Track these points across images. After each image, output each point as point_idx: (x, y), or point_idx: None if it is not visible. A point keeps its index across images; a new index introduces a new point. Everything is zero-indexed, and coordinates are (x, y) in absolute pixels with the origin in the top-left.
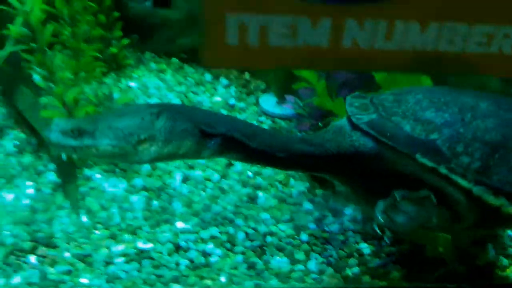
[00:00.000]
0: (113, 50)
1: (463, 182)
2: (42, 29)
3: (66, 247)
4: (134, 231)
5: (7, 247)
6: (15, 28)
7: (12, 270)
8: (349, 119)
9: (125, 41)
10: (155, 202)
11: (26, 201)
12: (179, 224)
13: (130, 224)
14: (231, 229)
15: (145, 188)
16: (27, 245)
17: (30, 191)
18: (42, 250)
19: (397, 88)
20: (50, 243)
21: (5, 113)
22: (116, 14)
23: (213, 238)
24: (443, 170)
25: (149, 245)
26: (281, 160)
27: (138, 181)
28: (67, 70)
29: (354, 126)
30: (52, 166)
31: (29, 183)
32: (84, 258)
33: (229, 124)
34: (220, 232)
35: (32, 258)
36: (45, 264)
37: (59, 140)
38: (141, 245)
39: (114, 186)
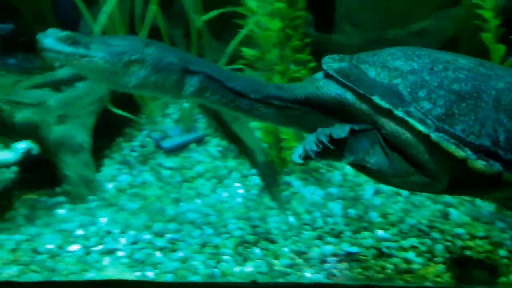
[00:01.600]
0: (303, 71)
1: (421, 127)
2: (270, 51)
3: (283, 243)
4: (337, 235)
5: (236, 238)
6: (249, 51)
7: (242, 259)
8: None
9: (313, 64)
10: (352, 211)
11: (239, 199)
12: (379, 232)
13: (333, 228)
14: (428, 241)
15: (340, 197)
16: (251, 238)
17: (241, 191)
18: (263, 243)
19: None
20: (268, 238)
21: (206, 122)
22: (307, 40)
23: (413, 247)
24: (398, 112)
25: (355, 248)
26: (255, 103)
27: (333, 190)
28: None
29: (326, 75)
30: (254, 171)
31: (237, 184)
32: (302, 255)
33: (208, 65)
34: (419, 243)
35: (257, 250)
36: (268, 256)
37: (53, 45)
38: (346, 247)
39: (312, 193)
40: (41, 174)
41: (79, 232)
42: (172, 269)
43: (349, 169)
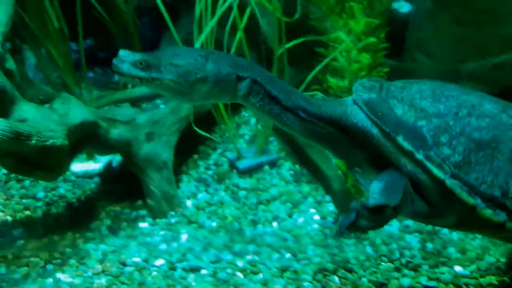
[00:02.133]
0: None
1: (438, 173)
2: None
3: (362, 273)
4: (415, 268)
5: (314, 265)
6: (333, 80)
7: (321, 286)
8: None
9: None
10: (429, 244)
11: (315, 226)
12: (457, 268)
13: (410, 261)
14: (507, 280)
15: (417, 230)
16: (330, 266)
17: (316, 217)
18: (342, 272)
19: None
20: (347, 267)
21: (279, 145)
22: (385, 69)
23: (491, 285)
24: (419, 156)
25: (433, 283)
26: (284, 110)
27: (409, 223)
28: None
29: (354, 101)
30: (328, 197)
31: (312, 210)
32: (381, 286)
33: (254, 69)
34: (497, 281)
35: (336, 279)
36: (348, 285)
37: (130, 71)
38: (424, 281)
39: (389, 224)
40: (121, 186)
41: (163, 246)
42: None
43: None
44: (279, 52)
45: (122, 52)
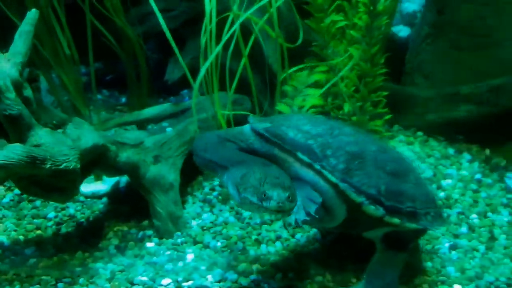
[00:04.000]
0: (379, 122)
1: (332, 178)
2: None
3: None
4: (415, 287)
5: (316, 284)
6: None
7: None
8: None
9: (389, 116)
10: (429, 263)
11: (317, 245)
12: (457, 287)
13: (410, 280)
14: None
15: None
16: (331, 285)
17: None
18: None
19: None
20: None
21: None
22: (384, 93)
23: None
24: (317, 166)
25: None
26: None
27: None
28: None
29: (256, 133)
30: None
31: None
32: None
33: None
34: None
35: None
36: None
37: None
38: None
39: None
40: (128, 207)
41: (169, 266)
42: None
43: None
44: (282, 77)
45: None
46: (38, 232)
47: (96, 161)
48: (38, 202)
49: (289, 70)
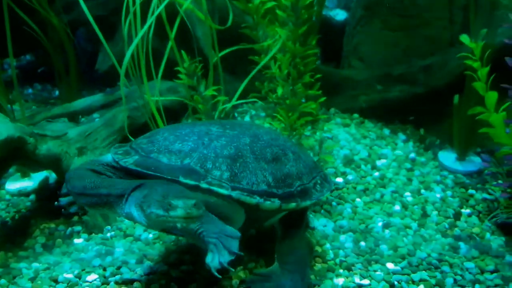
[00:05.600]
0: (312, 105)
1: (223, 191)
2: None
3: None
4: (349, 267)
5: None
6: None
7: None
8: (116, 163)
9: (322, 99)
10: (363, 243)
11: None
12: (389, 265)
13: (344, 260)
14: (438, 274)
15: (351, 230)
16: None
17: None
18: None
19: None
20: None
21: None
22: (317, 75)
23: (423, 280)
24: (204, 185)
25: (366, 281)
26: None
27: (343, 223)
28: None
29: (121, 166)
30: None
31: None
32: (314, 287)
33: None
34: (429, 276)
35: None
36: None
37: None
38: (357, 280)
39: (324, 225)
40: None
41: (97, 262)
42: None
43: (359, 201)
44: (214, 60)
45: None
46: None
47: (13, 155)
48: None
49: (220, 53)
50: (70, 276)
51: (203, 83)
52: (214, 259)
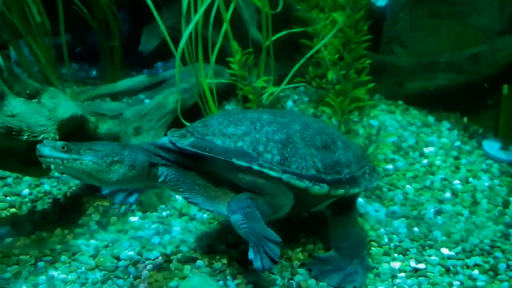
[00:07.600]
0: (362, 91)
1: (273, 173)
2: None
3: None
4: (404, 252)
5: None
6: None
7: None
8: (173, 144)
9: (371, 85)
10: (416, 229)
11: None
12: (444, 250)
13: (399, 245)
14: (491, 260)
15: (403, 216)
16: None
17: None
18: None
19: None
20: None
21: None
22: (368, 60)
23: (477, 265)
24: (256, 167)
25: (422, 265)
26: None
27: (396, 209)
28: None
29: (180, 149)
30: None
31: None
32: (372, 270)
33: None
34: (482, 261)
35: None
36: None
37: (50, 153)
38: (413, 264)
39: (376, 210)
40: None
41: (156, 239)
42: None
43: (409, 188)
44: (266, 44)
45: (46, 141)
46: (13, 210)
47: (75, 133)
48: (10, 179)
49: (272, 37)
50: (131, 253)
51: (255, 73)
52: (257, 261)
